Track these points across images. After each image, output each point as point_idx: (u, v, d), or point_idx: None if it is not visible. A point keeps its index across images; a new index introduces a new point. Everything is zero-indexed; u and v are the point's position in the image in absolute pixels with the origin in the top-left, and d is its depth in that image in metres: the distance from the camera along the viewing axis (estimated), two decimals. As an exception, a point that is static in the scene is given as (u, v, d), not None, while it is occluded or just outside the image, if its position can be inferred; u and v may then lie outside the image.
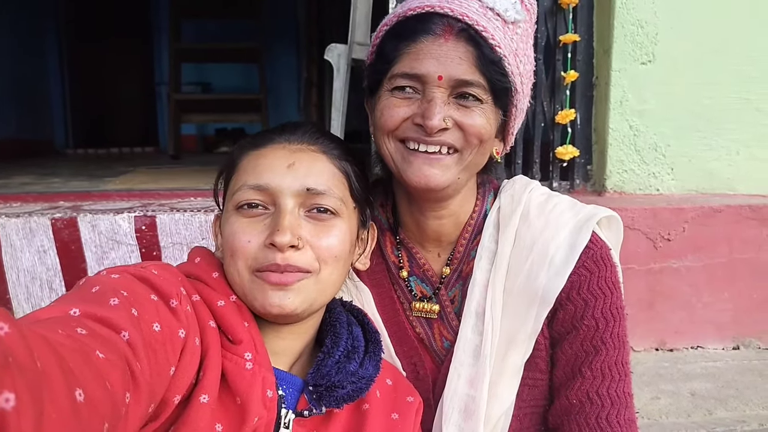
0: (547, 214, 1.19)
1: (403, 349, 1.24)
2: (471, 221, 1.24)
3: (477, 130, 1.08)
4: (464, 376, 1.15)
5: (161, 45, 7.59)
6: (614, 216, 1.22)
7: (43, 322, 0.68)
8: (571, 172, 2.77)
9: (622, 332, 1.15)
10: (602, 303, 1.14)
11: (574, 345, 1.15)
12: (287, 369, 1.02)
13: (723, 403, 2.11)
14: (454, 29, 1.06)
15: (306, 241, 0.96)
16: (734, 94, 2.70)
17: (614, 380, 1.12)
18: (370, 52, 1.20)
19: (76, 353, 0.62)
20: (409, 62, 1.07)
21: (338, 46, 2.94)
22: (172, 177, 3.68)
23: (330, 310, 1.10)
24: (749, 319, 2.57)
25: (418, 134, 1.08)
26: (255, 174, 0.99)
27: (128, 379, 0.69)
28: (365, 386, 0.99)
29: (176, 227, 2.25)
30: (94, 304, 0.75)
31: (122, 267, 0.87)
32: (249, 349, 0.92)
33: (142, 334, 0.76)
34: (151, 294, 0.84)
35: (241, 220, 0.98)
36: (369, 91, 1.19)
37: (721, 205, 2.51)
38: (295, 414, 0.96)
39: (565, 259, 1.14)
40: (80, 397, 0.57)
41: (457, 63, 1.05)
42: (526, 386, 1.18)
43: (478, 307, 1.17)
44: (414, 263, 1.27)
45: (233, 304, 0.96)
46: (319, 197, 0.98)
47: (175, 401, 0.83)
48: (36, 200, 2.64)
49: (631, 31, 2.61)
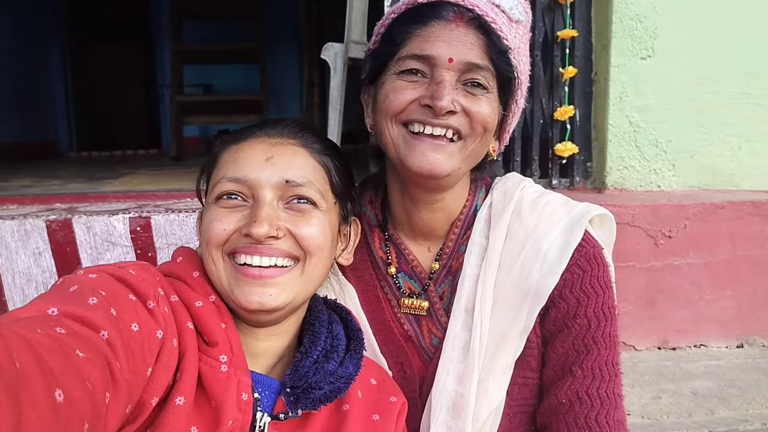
0: (540, 211, 1.19)
1: (389, 347, 1.22)
2: (461, 216, 1.24)
3: (483, 118, 1.09)
4: (453, 373, 1.14)
5: (163, 47, 7.61)
6: (607, 214, 1.22)
7: (21, 321, 0.68)
8: (571, 170, 2.74)
9: (614, 332, 1.14)
10: (594, 302, 1.13)
11: (565, 344, 1.14)
12: (268, 371, 1.01)
13: (725, 402, 2.08)
14: (465, 17, 1.08)
15: (286, 231, 0.96)
16: (735, 88, 2.67)
17: (604, 380, 1.11)
18: (373, 40, 1.20)
19: (55, 353, 0.61)
20: (419, 44, 1.08)
21: (335, 45, 2.93)
22: (172, 178, 3.67)
23: (310, 308, 1.09)
24: (753, 316, 2.53)
25: (425, 116, 1.08)
26: (234, 167, 0.98)
27: (108, 379, 0.69)
28: (344, 386, 0.98)
29: (171, 228, 2.24)
30: (73, 304, 0.75)
31: (100, 266, 0.87)
32: (225, 352, 0.91)
33: (120, 333, 0.75)
34: (129, 294, 0.83)
35: (218, 210, 0.98)
36: (369, 78, 1.19)
37: (723, 201, 2.48)
38: (271, 417, 0.94)
39: (558, 256, 1.13)
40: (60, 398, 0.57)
41: (468, 48, 1.07)
42: (517, 385, 1.17)
43: (467, 302, 1.16)
44: (402, 259, 1.25)
45: (212, 304, 0.95)
46: (298, 189, 0.98)
47: (153, 403, 0.82)
48: (32, 202, 2.64)
49: (629, 26, 2.58)
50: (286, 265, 0.96)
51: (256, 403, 0.94)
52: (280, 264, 0.96)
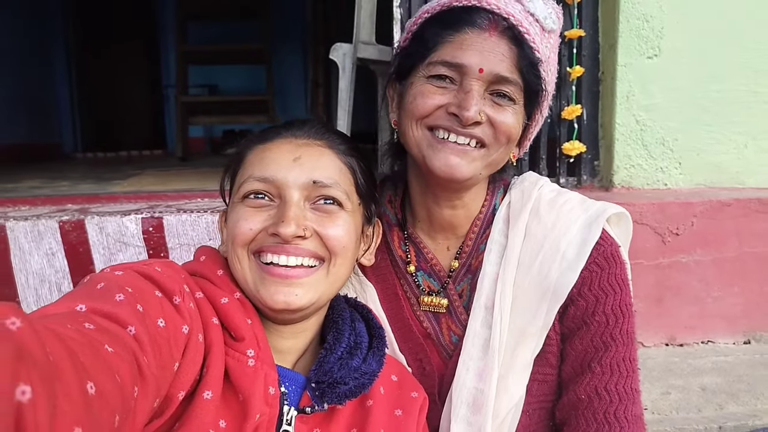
0: (558, 210, 1.20)
1: (408, 345, 1.24)
2: (480, 215, 1.26)
3: (508, 129, 1.10)
4: (473, 370, 1.15)
5: (168, 47, 7.64)
6: (624, 213, 1.23)
7: (51, 317, 0.69)
8: (578, 168, 2.75)
9: (631, 329, 1.16)
10: (612, 299, 1.14)
11: (584, 341, 1.15)
12: (291, 367, 1.02)
13: (734, 397, 2.10)
14: (499, 26, 1.08)
15: (312, 231, 0.97)
16: (742, 86, 2.68)
17: (622, 376, 1.12)
18: (404, 38, 1.21)
19: (85, 347, 0.63)
20: (452, 51, 1.08)
21: (343, 45, 2.94)
22: (180, 178, 3.69)
23: (333, 306, 1.10)
24: (760, 312, 2.55)
25: (451, 123, 1.09)
26: (261, 166, 1.00)
27: (136, 373, 0.70)
28: (368, 381, 1.00)
29: (183, 228, 2.26)
30: (100, 300, 0.76)
31: (126, 264, 0.88)
32: (252, 346, 0.92)
33: (147, 329, 0.77)
34: (155, 290, 0.85)
35: (245, 209, 0.99)
36: (397, 75, 1.20)
37: (729, 198, 2.49)
38: (298, 411, 0.96)
39: (577, 254, 1.15)
40: (92, 390, 0.58)
41: (500, 59, 1.08)
42: (536, 381, 1.19)
43: (487, 300, 1.18)
44: (421, 258, 1.27)
45: (237, 301, 0.96)
46: (325, 189, 0.99)
47: (179, 397, 0.83)
48: (44, 203, 2.66)
49: (636, 26, 2.59)
50: (312, 265, 0.98)
51: (283, 397, 0.95)
52: (306, 264, 0.97)
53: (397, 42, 1.23)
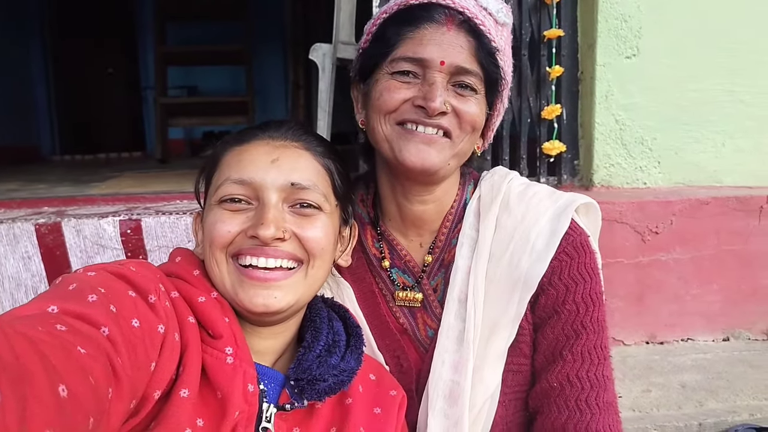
0: (527, 202, 1.22)
1: (386, 342, 1.25)
2: (452, 210, 1.27)
3: (472, 118, 1.14)
4: (448, 363, 1.17)
5: (146, 49, 7.57)
6: (592, 203, 1.26)
7: (22, 319, 0.68)
8: (558, 168, 2.77)
9: (602, 317, 1.18)
10: (582, 288, 1.17)
11: (555, 329, 1.17)
12: (271, 366, 1.02)
13: (713, 394, 2.12)
14: (456, 20, 1.12)
15: (291, 233, 0.96)
16: (719, 86, 2.71)
17: (593, 363, 1.14)
18: (364, 40, 1.23)
19: (57, 349, 0.62)
20: (413, 47, 1.12)
21: (323, 45, 2.93)
22: (159, 180, 3.66)
23: (310, 306, 1.10)
24: (738, 310, 2.58)
25: (418, 116, 1.12)
26: (238, 168, 0.99)
27: (110, 374, 0.69)
28: (347, 379, 1.00)
29: (162, 230, 2.24)
30: (72, 301, 0.75)
31: (100, 264, 0.87)
32: (230, 344, 0.92)
33: (121, 329, 0.76)
34: (129, 290, 0.84)
35: (222, 212, 0.98)
36: (360, 76, 1.22)
37: (708, 197, 2.52)
38: (277, 408, 0.95)
39: (546, 244, 1.17)
40: (64, 393, 0.57)
41: (458, 51, 1.11)
42: (511, 372, 1.20)
43: (460, 293, 1.19)
44: (395, 255, 1.28)
45: (214, 300, 0.96)
46: (304, 192, 0.99)
47: (155, 396, 0.82)
48: (20, 206, 2.62)
49: (614, 26, 2.61)
50: (291, 267, 0.97)
51: (262, 394, 0.94)
52: (285, 266, 0.96)
53: (358, 45, 1.25)
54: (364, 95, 1.22)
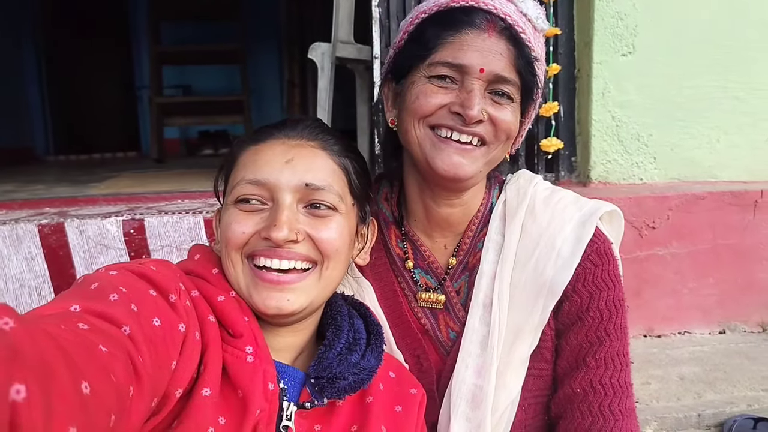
0: (552, 208, 1.22)
1: (406, 341, 1.25)
2: (478, 213, 1.27)
3: (507, 126, 1.13)
4: (472, 367, 1.17)
5: (141, 48, 7.55)
6: (616, 210, 1.26)
7: (45, 318, 0.69)
8: (556, 164, 2.79)
9: (624, 323, 1.18)
10: (606, 295, 1.17)
11: (579, 336, 1.18)
12: (291, 363, 1.03)
13: (711, 386, 2.15)
14: (497, 26, 1.11)
15: (305, 234, 0.96)
16: (713, 83, 2.74)
17: (616, 370, 1.15)
18: (399, 38, 1.22)
19: (79, 347, 0.62)
20: (453, 51, 1.10)
21: (322, 44, 2.94)
22: (158, 180, 3.66)
23: (330, 303, 1.10)
24: (734, 303, 2.61)
25: (454, 122, 1.11)
26: (253, 169, 0.99)
27: (131, 373, 0.70)
28: (367, 377, 1.00)
29: (165, 230, 2.25)
30: (94, 301, 0.76)
31: (120, 264, 0.88)
32: (250, 343, 0.92)
33: (142, 328, 0.76)
34: (150, 289, 0.84)
35: (238, 213, 0.98)
36: (394, 75, 1.21)
37: (703, 192, 2.56)
38: (297, 406, 0.96)
39: (572, 252, 1.17)
40: (86, 390, 0.58)
41: (498, 59, 1.10)
42: (531, 377, 1.21)
43: (485, 298, 1.20)
44: (419, 255, 1.28)
45: (233, 299, 0.96)
46: (318, 193, 0.98)
47: (177, 395, 0.83)
48: (21, 207, 2.62)
49: (611, 24, 2.64)
50: (305, 268, 0.97)
51: (282, 392, 0.95)
52: (299, 267, 0.97)
53: (393, 42, 1.24)
54: (397, 94, 1.20)
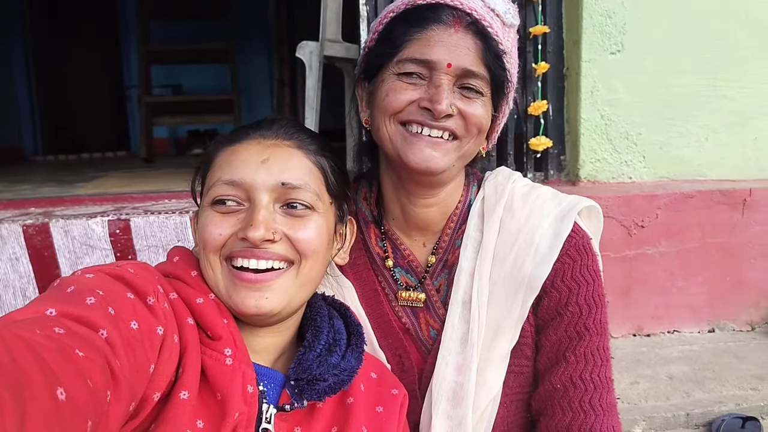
0: (531, 204, 1.23)
1: (388, 341, 1.25)
2: (456, 211, 1.27)
3: (478, 120, 1.13)
4: (452, 364, 1.17)
5: (129, 47, 7.51)
6: (594, 206, 1.26)
7: (20, 323, 0.67)
8: (545, 163, 2.79)
9: (604, 318, 1.18)
10: (585, 290, 1.17)
11: (558, 331, 1.18)
12: (271, 365, 1.02)
13: (700, 385, 2.15)
14: (464, 21, 1.11)
15: (282, 234, 0.96)
16: (702, 81, 2.74)
17: (596, 365, 1.15)
18: (370, 38, 1.22)
19: (55, 352, 0.61)
20: (420, 48, 1.11)
21: (309, 43, 2.93)
22: (146, 180, 3.64)
23: (310, 304, 1.09)
24: (723, 302, 2.62)
25: (424, 117, 1.11)
26: (229, 169, 0.98)
27: (108, 377, 0.69)
28: (347, 378, 1.00)
29: (151, 230, 2.23)
30: (70, 304, 0.75)
31: (97, 267, 0.86)
32: (229, 345, 0.92)
33: (119, 332, 0.75)
34: (128, 292, 0.83)
35: (214, 214, 0.98)
36: (366, 74, 1.22)
37: (692, 191, 2.56)
38: (277, 409, 0.95)
39: (550, 247, 1.17)
40: (62, 396, 0.57)
41: (465, 53, 1.10)
42: (512, 373, 1.21)
43: (464, 295, 1.20)
44: (398, 254, 1.28)
45: (212, 301, 0.96)
46: (295, 192, 0.98)
47: (155, 398, 0.82)
48: (6, 207, 2.59)
49: (599, 22, 2.63)
50: (282, 267, 0.97)
51: (262, 395, 0.95)
52: (276, 267, 0.96)
53: (364, 42, 1.24)
54: (369, 94, 1.21)
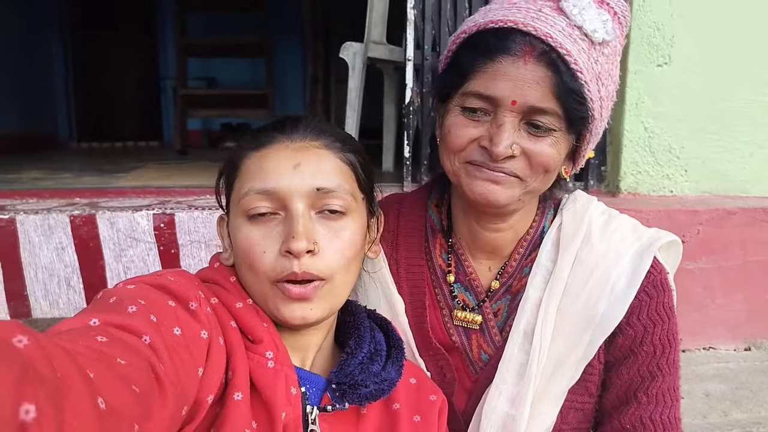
0: (609, 237, 1.17)
1: (430, 353, 1.22)
2: (527, 236, 1.22)
3: (544, 160, 1.05)
4: (505, 395, 1.13)
5: (166, 39, 7.58)
6: (675, 240, 1.21)
7: (63, 334, 0.69)
8: (586, 173, 2.77)
9: (677, 357, 1.15)
10: (660, 329, 1.14)
11: (631, 370, 1.14)
12: (308, 365, 1.03)
13: (738, 404, 2.13)
14: (536, 51, 1.01)
15: (321, 246, 0.95)
16: (749, 96, 2.71)
17: (667, 406, 1.12)
18: (444, 58, 1.16)
19: (97, 362, 0.63)
20: (484, 82, 1.03)
21: (354, 44, 2.94)
22: (184, 173, 3.68)
23: (354, 313, 1.10)
24: (761, 320, 2.58)
25: (483, 158, 1.06)
26: (261, 178, 0.96)
27: (153, 381, 0.70)
28: (387, 389, 1.00)
29: (195, 225, 2.26)
30: (113, 313, 0.76)
31: (138, 278, 0.88)
32: (270, 348, 0.93)
33: (163, 338, 0.77)
34: (169, 300, 0.85)
35: (253, 230, 0.96)
36: (439, 98, 1.17)
37: (735, 207, 2.53)
38: (319, 410, 0.96)
39: (627, 286, 1.12)
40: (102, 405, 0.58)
41: (534, 88, 1.01)
42: (573, 409, 1.17)
43: (527, 325, 1.15)
44: (461, 270, 1.25)
45: (251, 306, 0.97)
46: (330, 196, 0.96)
47: (209, 401, 0.83)
48: (52, 196, 2.65)
49: (647, 33, 2.61)
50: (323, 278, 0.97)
51: (304, 396, 0.96)
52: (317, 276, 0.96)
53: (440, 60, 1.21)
54: (441, 117, 1.16)
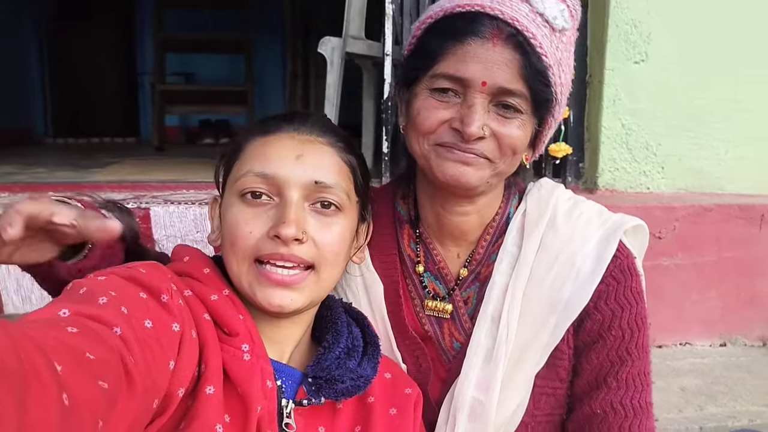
0: (574, 222, 1.18)
1: (406, 342, 1.22)
2: (493, 223, 1.23)
3: (513, 142, 1.07)
4: (473, 380, 1.14)
5: (144, 34, 7.48)
6: (641, 224, 1.21)
7: (33, 323, 0.69)
8: (564, 170, 2.79)
9: (646, 342, 1.15)
10: (628, 313, 1.13)
11: (600, 355, 1.14)
12: (285, 359, 1.02)
13: (713, 399, 2.15)
14: (503, 34, 1.03)
15: (309, 236, 0.96)
16: (725, 94, 2.73)
17: (637, 390, 1.12)
18: (409, 43, 1.17)
19: (65, 354, 0.62)
20: (454, 63, 1.04)
21: (332, 39, 2.93)
22: (160, 168, 3.64)
23: (330, 308, 1.10)
24: (736, 316, 2.61)
25: (454, 140, 1.06)
26: (262, 161, 0.97)
27: (122, 373, 0.69)
28: (363, 385, 1.00)
29: (170, 220, 2.23)
30: (84, 304, 0.75)
31: (110, 269, 0.87)
32: (246, 341, 0.92)
33: (133, 329, 0.76)
34: (140, 292, 0.84)
35: (244, 209, 0.96)
36: (404, 83, 1.17)
37: (711, 204, 2.55)
38: (294, 403, 0.96)
39: (592, 270, 1.13)
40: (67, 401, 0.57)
41: (503, 70, 1.02)
42: (544, 395, 1.17)
43: (494, 311, 1.16)
44: (430, 260, 1.25)
45: (226, 297, 0.96)
46: (326, 191, 0.98)
47: (179, 394, 0.83)
48: (23, 190, 2.60)
49: (624, 30, 2.63)
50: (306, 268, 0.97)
51: (280, 390, 0.95)
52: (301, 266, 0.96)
53: (404, 47, 1.20)
54: (407, 103, 1.16)
